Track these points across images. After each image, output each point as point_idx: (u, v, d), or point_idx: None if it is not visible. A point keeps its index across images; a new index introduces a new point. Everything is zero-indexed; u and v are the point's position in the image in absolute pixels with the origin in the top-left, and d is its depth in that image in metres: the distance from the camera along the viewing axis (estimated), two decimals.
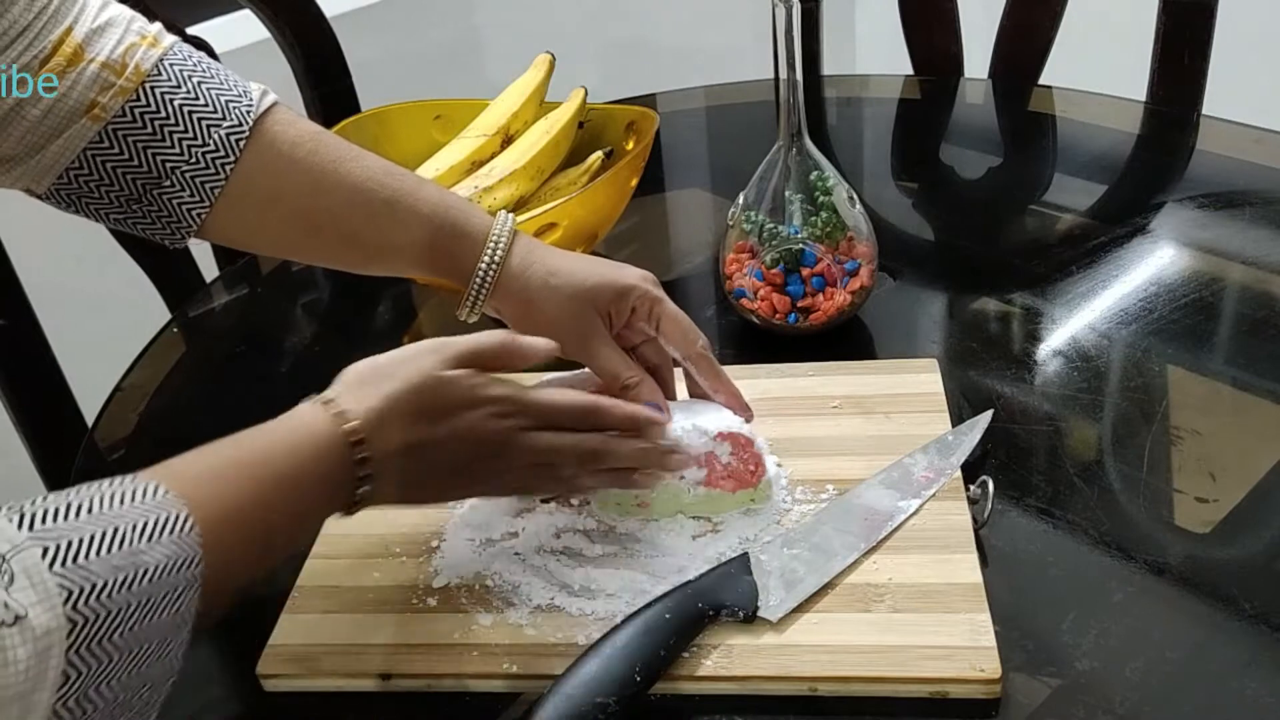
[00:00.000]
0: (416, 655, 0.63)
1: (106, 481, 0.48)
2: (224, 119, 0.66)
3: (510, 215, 0.71)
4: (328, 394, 0.58)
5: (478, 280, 0.69)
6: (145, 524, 0.46)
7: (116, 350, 0.99)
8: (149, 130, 0.65)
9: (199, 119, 0.66)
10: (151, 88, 0.65)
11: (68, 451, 0.88)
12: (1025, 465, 0.73)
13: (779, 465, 0.72)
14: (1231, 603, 0.62)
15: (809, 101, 0.84)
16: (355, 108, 1.26)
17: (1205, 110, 1.17)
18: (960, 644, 0.59)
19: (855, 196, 0.85)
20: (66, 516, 0.45)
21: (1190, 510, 0.69)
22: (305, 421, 0.57)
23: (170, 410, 0.93)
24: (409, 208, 0.69)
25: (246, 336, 1.05)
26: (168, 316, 1.08)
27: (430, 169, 0.98)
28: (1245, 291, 0.90)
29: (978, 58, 1.33)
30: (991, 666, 0.57)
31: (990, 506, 0.67)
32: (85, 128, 0.64)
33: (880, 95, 1.36)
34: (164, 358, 0.99)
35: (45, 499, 0.46)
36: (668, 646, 0.59)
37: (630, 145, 1.01)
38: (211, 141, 0.66)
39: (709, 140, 1.31)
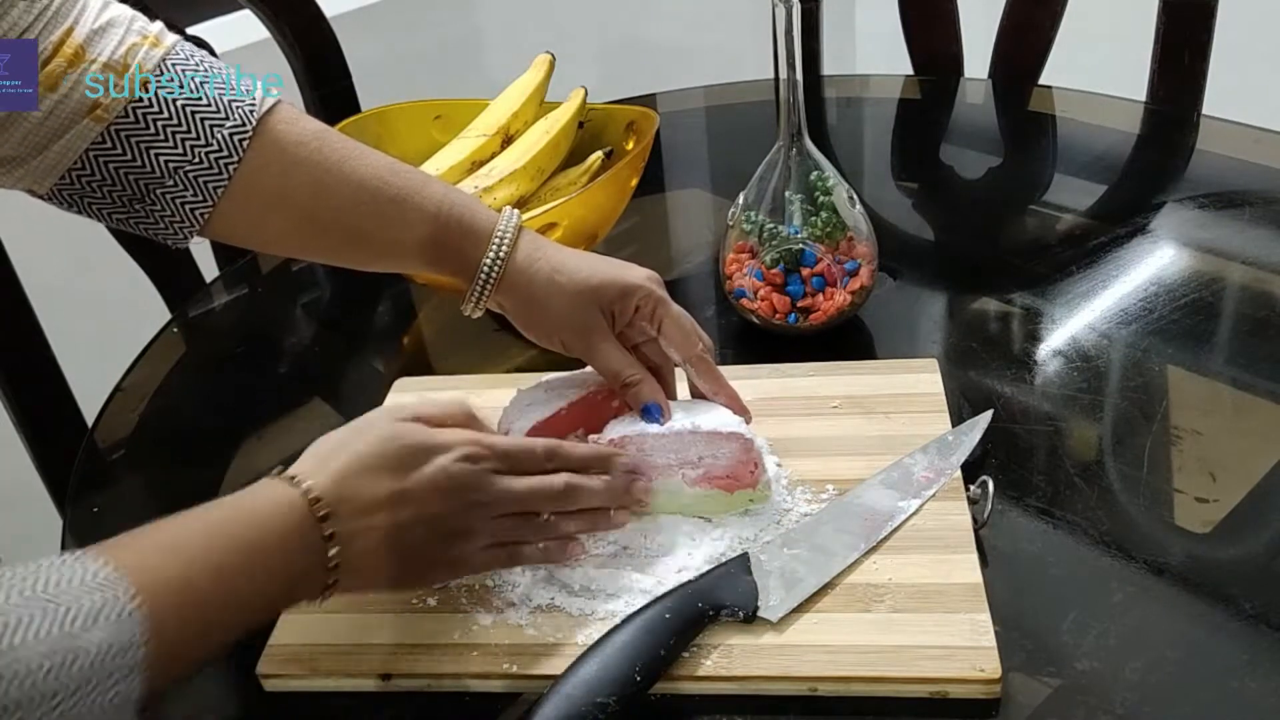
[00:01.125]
0: (416, 655, 0.63)
1: (52, 560, 0.47)
2: (227, 118, 0.66)
3: (516, 211, 0.71)
4: (290, 470, 0.57)
5: (483, 275, 0.69)
6: (86, 607, 0.45)
7: (116, 350, 0.99)
8: (151, 131, 0.65)
9: (201, 119, 0.66)
10: (154, 88, 0.65)
11: (68, 451, 0.88)
12: (1025, 465, 0.73)
13: (779, 465, 0.72)
14: (1231, 603, 0.62)
15: (809, 101, 0.84)
16: (355, 108, 1.26)
17: (1205, 110, 1.17)
18: (960, 644, 0.59)
19: (855, 196, 0.85)
20: (2, 598, 0.44)
21: (1190, 510, 0.69)
22: (267, 494, 0.55)
23: (170, 410, 0.93)
24: (415, 205, 0.69)
25: (246, 336, 1.05)
26: (168, 316, 1.08)
27: (430, 169, 0.98)
28: (1245, 291, 0.90)
29: (978, 58, 1.33)
30: (991, 666, 0.57)
31: (990, 506, 0.67)
32: (87, 129, 0.64)
33: (880, 95, 1.36)
34: (164, 358, 0.99)
35: None
36: (668, 646, 0.59)
37: (630, 145, 1.01)
38: (215, 141, 0.66)
39: (709, 140, 1.31)
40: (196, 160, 0.66)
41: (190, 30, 1.20)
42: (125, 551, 0.49)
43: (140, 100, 0.65)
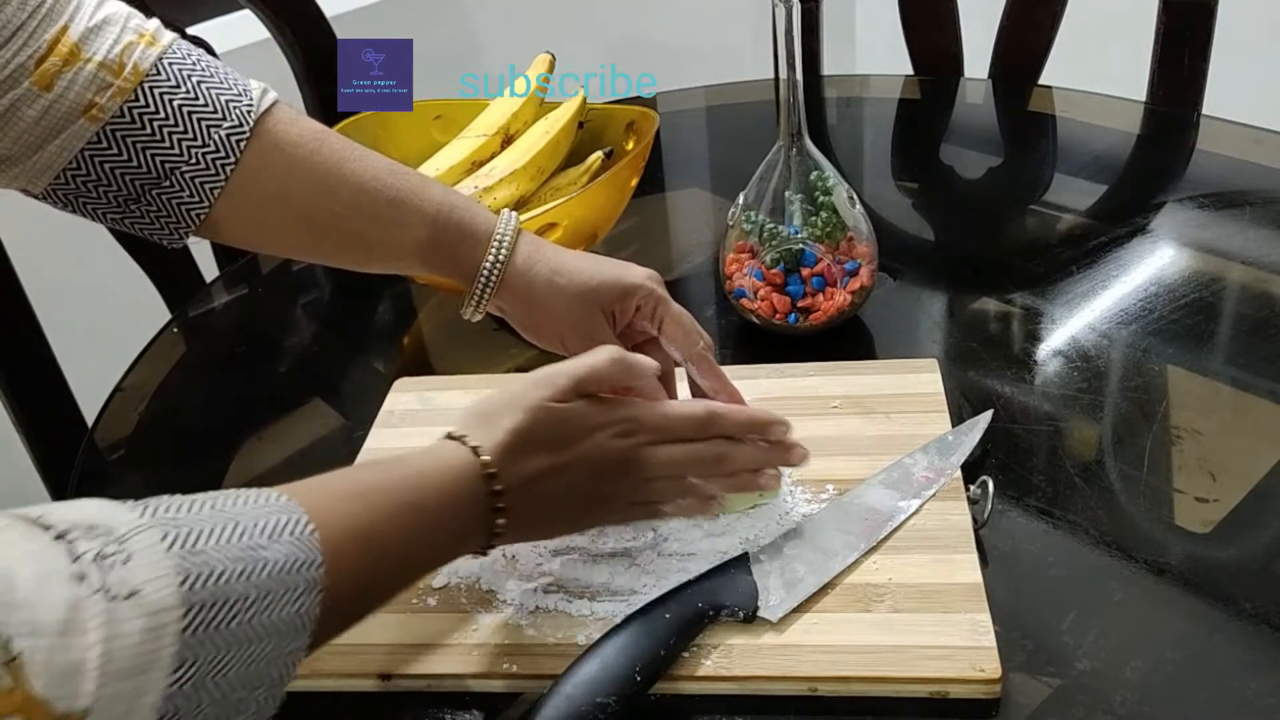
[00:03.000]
0: (416, 655, 0.63)
1: (227, 491, 0.48)
2: (224, 119, 0.66)
3: (514, 214, 0.71)
4: (457, 429, 0.58)
5: (482, 278, 0.69)
6: (266, 523, 0.46)
7: (116, 350, 0.99)
8: (148, 131, 0.65)
9: (199, 119, 0.66)
10: (150, 88, 0.65)
11: (68, 451, 0.88)
12: (1025, 465, 0.73)
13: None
14: (1231, 603, 0.62)
15: (809, 101, 0.84)
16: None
17: (1205, 110, 1.17)
18: (960, 644, 0.59)
19: (855, 196, 0.85)
20: (188, 510, 0.45)
21: (1190, 510, 0.69)
22: (441, 454, 0.57)
23: (170, 410, 0.93)
24: (413, 207, 0.68)
25: (246, 336, 1.05)
26: (168, 316, 1.08)
27: (430, 169, 0.98)
28: (1245, 291, 0.90)
29: (978, 58, 1.33)
30: (991, 666, 0.57)
31: (990, 506, 0.67)
32: (83, 128, 0.64)
33: (880, 95, 1.36)
34: (164, 358, 0.99)
35: (167, 497, 0.46)
36: (668, 646, 0.59)
37: (630, 145, 1.01)
38: (212, 142, 0.66)
39: (709, 140, 1.31)
40: (193, 161, 0.66)
41: (190, 30, 1.20)
42: (304, 494, 0.50)
43: (136, 100, 0.65)
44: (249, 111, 0.67)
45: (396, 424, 0.82)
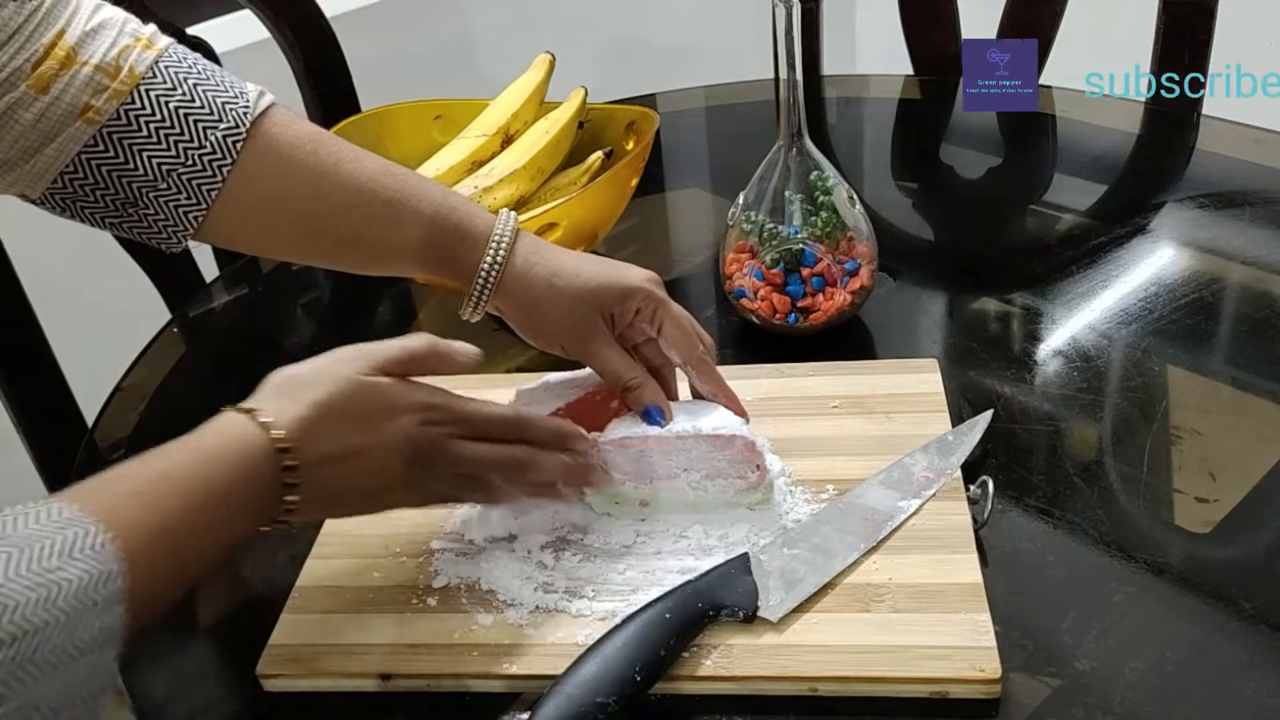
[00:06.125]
0: (416, 655, 0.63)
1: (15, 508, 0.48)
2: (220, 121, 0.66)
3: (512, 214, 0.70)
4: (250, 403, 0.58)
5: (480, 280, 0.69)
6: (57, 541, 0.46)
7: (116, 350, 0.99)
8: (144, 133, 0.65)
9: (195, 121, 0.66)
10: (146, 90, 0.65)
11: (68, 451, 0.88)
12: (1025, 465, 0.73)
13: (782, 465, 0.72)
14: (1231, 603, 0.62)
15: (809, 101, 0.84)
16: (355, 108, 1.26)
17: (1205, 110, 1.17)
18: (960, 644, 0.59)
19: (855, 196, 0.85)
20: None
21: (1190, 510, 0.69)
22: (230, 432, 0.56)
23: (170, 410, 0.93)
24: (411, 208, 0.68)
25: (246, 336, 1.05)
26: (168, 316, 1.08)
27: (430, 169, 0.98)
28: (1245, 291, 0.90)
29: None
30: (991, 666, 0.57)
31: (990, 506, 0.67)
32: (80, 131, 0.64)
33: (880, 95, 1.36)
34: (164, 358, 0.99)
35: None
36: (668, 646, 0.59)
37: (630, 145, 1.01)
38: (208, 144, 0.66)
39: (709, 140, 1.31)
40: (189, 163, 0.66)
41: (190, 30, 1.20)
42: (93, 498, 0.50)
43: (133, 103, 0.65)
44: (245, 114, 0.67)
45: None
